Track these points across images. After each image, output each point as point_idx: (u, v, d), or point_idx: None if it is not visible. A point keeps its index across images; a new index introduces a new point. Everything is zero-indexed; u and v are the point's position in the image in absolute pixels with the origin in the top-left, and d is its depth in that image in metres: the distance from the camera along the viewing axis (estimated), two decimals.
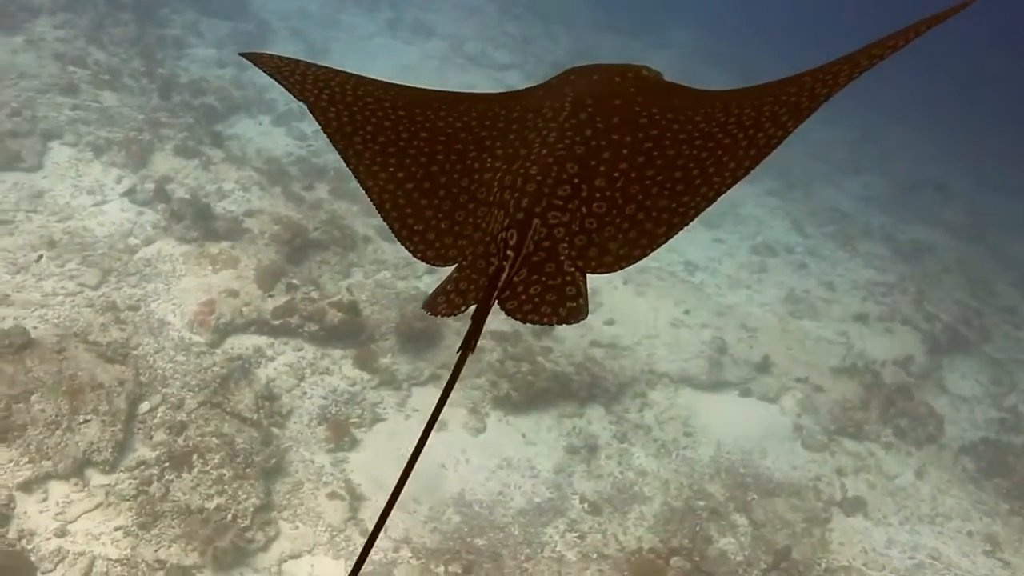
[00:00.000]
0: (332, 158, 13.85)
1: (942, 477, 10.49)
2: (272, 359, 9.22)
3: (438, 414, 1.98)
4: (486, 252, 2.35)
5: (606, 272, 2.30)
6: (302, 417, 8.69)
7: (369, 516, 7.89)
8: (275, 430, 8.41)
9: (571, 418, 9.71)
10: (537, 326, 2.33)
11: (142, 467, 7.64)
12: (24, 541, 6.98)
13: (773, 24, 29.25)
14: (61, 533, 7.09)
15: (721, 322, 12.05)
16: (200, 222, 10.36)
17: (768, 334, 12.07)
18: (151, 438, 7.92)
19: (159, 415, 8.13)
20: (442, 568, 7.51)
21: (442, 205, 2.57)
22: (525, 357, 9.81)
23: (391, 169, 2.65)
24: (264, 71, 2.96)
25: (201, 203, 10.65)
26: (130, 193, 10.99)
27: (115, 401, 7.98)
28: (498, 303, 2.23)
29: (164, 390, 8.36)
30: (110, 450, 7.66)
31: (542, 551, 8.10)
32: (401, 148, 2.70)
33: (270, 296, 9.65)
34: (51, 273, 9.35)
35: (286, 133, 14.43)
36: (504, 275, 2.25)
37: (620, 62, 3.05)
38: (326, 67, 2.99)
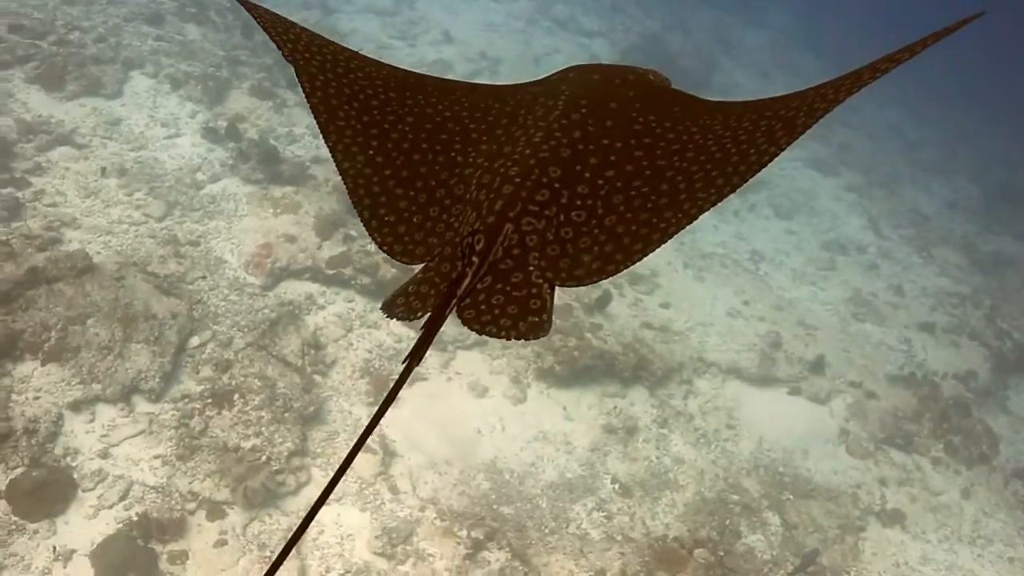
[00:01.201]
0: None
1: (989, 499, 10.20)
2: (322, 307, 9.37)
3: (373, 426, 1.89)
4: (453, 254, 2.24)
5: (575, 286, 2.19)
6: (345, 368, 8.83)
7: (399, 473, 8.02)
8: (317, 378, 8.57)
9: (613, 398, 9.68)
10: (588, 301, 2.20)
11: (185, 400, 7.88)
12: (68, 459, 7.27)
13: (873, 8, 28.21)
14: (103, 455, 7.38)
15: (779, 316, 11.83)
16: (266, 164, 10.52)
17: (827, 334, 11.82)
18: (197, 373, 8.15)
19: (207, 351, 8.35)
20: (465, 532, 7.60)
21: (417, 197, 2.44)
22: (573, 332, 9.78)
23: (370, 152, 2.52)
24: (258, 22, 2.80)
25: (269, 145, 10.80)
26: (202, 129, 11.20)
27: (167, 333, 8.22)
28: (456, 311, 2.11)
29: (215, 327, 8.57)
30: (157, 380, 7.91)
31: (567, 527, 8.13)
32: (384, 131, 2.58)
33: (326, 245, 9.78)
34: (119, 201, 9.62)
35: None
36: (465, 283, 2.13)
37: (623, 64, 2.94)
38: (323, 36, 2.85)
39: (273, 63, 13.20)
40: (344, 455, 7.85)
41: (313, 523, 7.38)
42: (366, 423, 6.92)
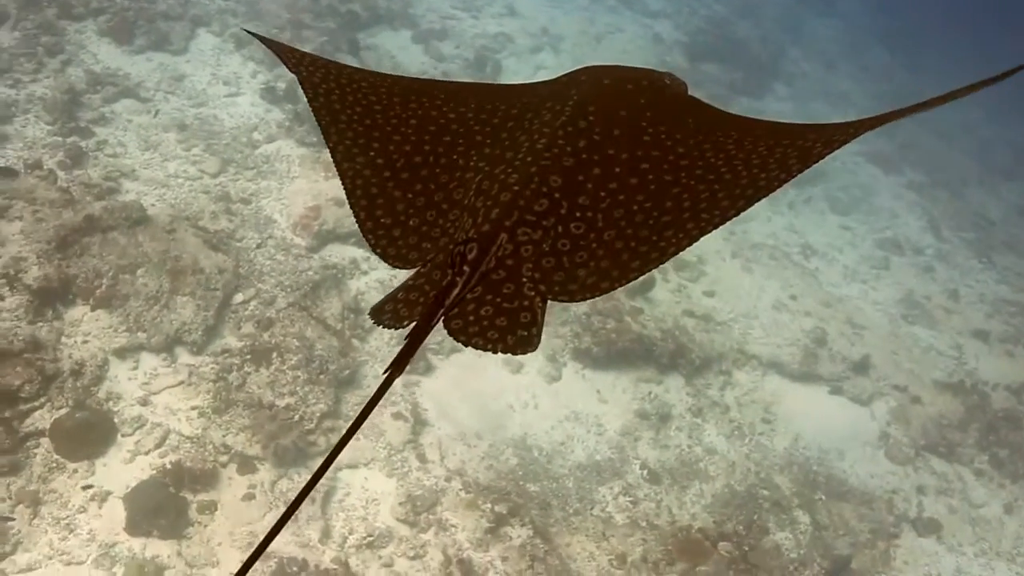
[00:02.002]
0: (467, 81, 13.82)
1: None
2: (365, 273, 9.43)
3: (346, 442, 1.83)
4: (446, 262, 2.16)
5: (567, 301, 2.11)
6: (383, 335, 8.87)
7: (428, 442, 8.06)
8: (355, 342, 8.63)
9: (648, 383, 9.59)
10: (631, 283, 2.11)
11: (226, 355, 8.00)
12: (111, 403, 7.46)
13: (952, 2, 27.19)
14: (144, 402, 7.55)
15: (827, 313, 11.57)
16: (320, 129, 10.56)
17: (875, 334, 11.53)
18: (239, 328, 8.27)
19: (250, 308, 8.46)
20: (489, 506, 7.61)
21: (416, 200, 2.38)
22: (612, 314, 9.69)
23: (371, 153, 2.47)
24: (261, 40, 2.82)
25: None
26: (262, 89, 11.30)
27: (212, 288, 8.34)
28: (443, 321, 2.05)
29: (259, 285, 8.67)
30: (200, 333, 8.05)
31: (592, 509, 8.11)
32: (386, 133, 2.52)
33: None
34: (176, 155, 9.77)
35: (424, 51, 14.47)
36: (454, 293, 2.06)
37: (647, 68, 2.75)
38: (329, 59, 2.86)
39: (336, 27, 13.24)
40: (375, 421, 7.93)
41: (340, 485, 7.50)
42: (401, 391, 6.91)
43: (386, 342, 8.80)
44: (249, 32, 3.02)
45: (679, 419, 9.37)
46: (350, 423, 1.84)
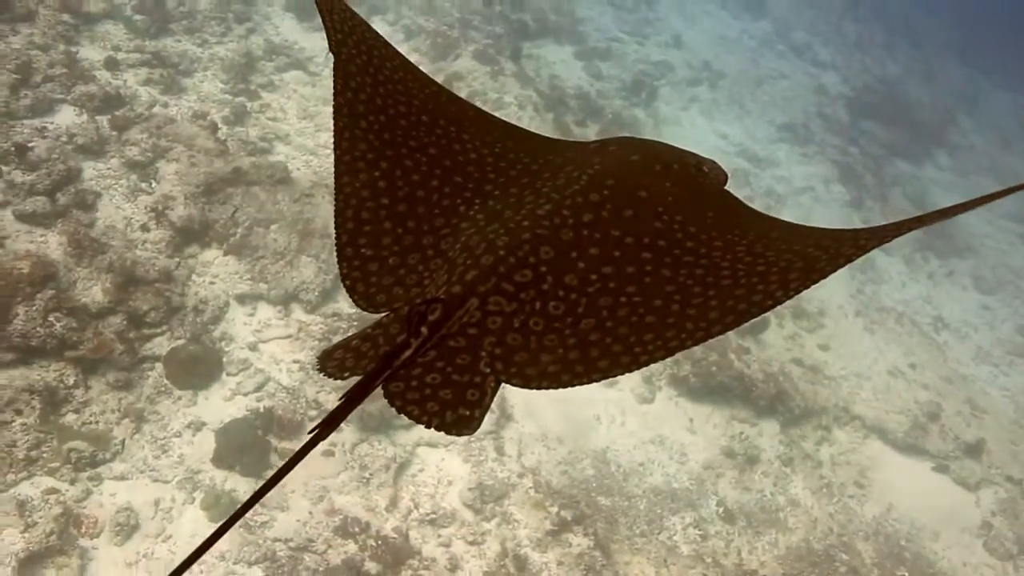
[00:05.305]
0: (618, 104, 13.64)
1: None
2: None
3: (267, 488, 1.58)
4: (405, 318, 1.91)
5: (520, 386, 1.81)
6: None
7: (509, 437, 7.89)
8: None
9: (742, 423, 9.09)
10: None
11: (335, 318, 8.09)
12: (223, 343, 7.67)
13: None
14: (252, 348, 7.72)
15: (947, 389, 10.67)
16: None
17: (995, 420, 10.54)
18: None
19: None
20: (555, 509, 7.36)
21: (403, 238, 2.11)
22: (716, 347, 9.24)
23: (376, 173, 2.20)
24: (318, 5, 2.43)
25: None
26: None
27: (335, 254, 8.44)
28: (382, 384, 1.79)
29: None
30: (316, 293, 8.18)
31: (658, 534, 7.73)
32: (400, 155, 2.25)
33: None
34: (329, 128, 9.94)
35: (584, 68, 14.36)
36: (405, 355, 1.81)
37: (690, 150, 2.43)
38: (380, 36, 2.50)
39: (503, 33, 13.32)
40: None
41: (416, 461, 7.42)
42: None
43: None
44: None
45: (767, 464, 8.82)
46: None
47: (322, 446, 7.01)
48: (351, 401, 1.68)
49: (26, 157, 7.58)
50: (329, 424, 1.61)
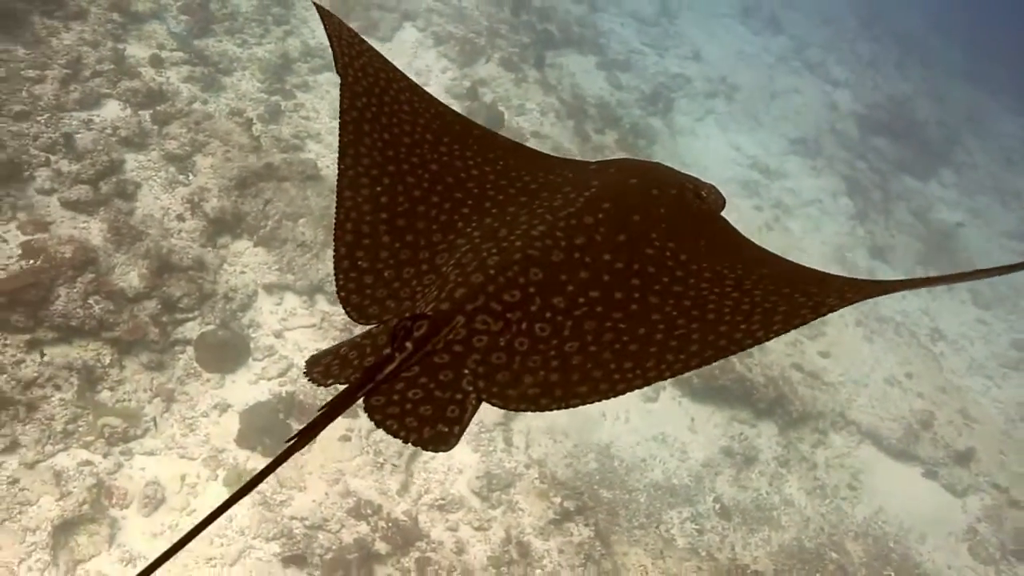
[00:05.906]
0: (636, 114, 13.87)
1: None
2: None
3: (238, 496, 1.62)
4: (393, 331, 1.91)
5: (499, 407, 1.82)
6: None
7: (518, 429, 8.17)
8: None
9: (742, 424, 9.34)
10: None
11: None
12: (251, 329, 7.98)
13: None
14: (278, 335, 8.03)
15: (940, 399, 10.88)
16: (490, 127, 10.88)
17: (986, 429, 10.74)
18: None
19: None
20: (559, 499, 7.64)
21: (400, 253, 2.13)
22: None
23: (378, 188, 2.21)
24: (326, 29, 2.48)
25: (497, 111, 11.16)
26: (448, 83, 11.74)
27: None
28: (363, 397, 1.82)
29: None
30: None
31: (657, 526, 7.99)
32: (403, 172, 2.27)
33: None
34: None
35: (605, 78, 14.59)
36: (388, 368, 1.82)
37: (689, 174, 2.46)
38: (387, 61, 2.55)
39: (529, 42, 13.57)
40: None
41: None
42: None
43: None
44: (316, 5, 2.70)
45: (764, 465, 9.07)
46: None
47: (340, 430, 7.33)
48: (330, 413, 1.70)
49: (74, 147, 7.92)
50: (307, 434, 1.65)
